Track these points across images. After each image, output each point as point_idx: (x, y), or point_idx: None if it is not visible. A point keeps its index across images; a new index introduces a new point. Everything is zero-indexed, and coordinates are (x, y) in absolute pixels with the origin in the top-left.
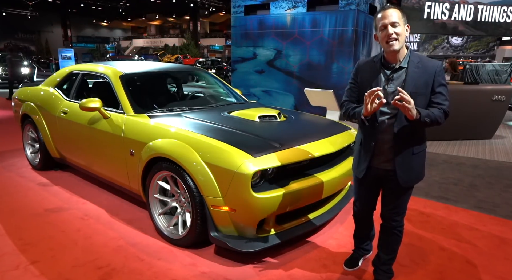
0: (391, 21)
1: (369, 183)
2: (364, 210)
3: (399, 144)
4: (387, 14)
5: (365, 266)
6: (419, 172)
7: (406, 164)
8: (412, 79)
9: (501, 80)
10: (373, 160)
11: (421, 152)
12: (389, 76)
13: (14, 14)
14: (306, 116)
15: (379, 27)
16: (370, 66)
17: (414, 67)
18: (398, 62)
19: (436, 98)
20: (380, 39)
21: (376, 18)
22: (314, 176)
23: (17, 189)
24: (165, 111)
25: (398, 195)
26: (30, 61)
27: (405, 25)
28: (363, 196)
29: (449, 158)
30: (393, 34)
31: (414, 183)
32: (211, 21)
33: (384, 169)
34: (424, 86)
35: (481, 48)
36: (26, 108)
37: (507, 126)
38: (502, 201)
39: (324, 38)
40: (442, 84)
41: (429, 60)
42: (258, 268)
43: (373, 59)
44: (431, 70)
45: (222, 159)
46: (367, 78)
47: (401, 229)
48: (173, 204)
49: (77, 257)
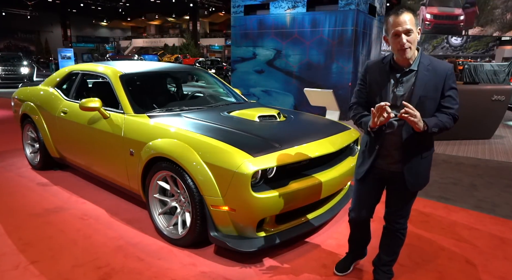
0: (405, 29)
1: (370, 185)
2: (362, 215)
3: (408, 148)
4: (400, 20)
5: (365, 266)
6: (426, 176)
7: (414, 168)
8: (422, 82)
9: (499, 80)
10: (379, 161)
11: (429, 156)
12: (398, 79)
13: (14, 14)
14: (305, 116)
15: (391, 33)
16: (379, 68)
17: (425, 70)
18: (408, 65)
19: (446, 102)
20: (392, 45)
21: (387, 22)
22: (313, 175)
23: (17, 189)
24: (165, 111)
25: (403, 198)
26: (29, 61)
27: (417, 29)
28: (363, 199)
29: (448, 157)
30: (406, 43)
31: (421, 187)
32: (210, 21)
33: (390, 171)
34: (434, 90)
35: (481, 48)
36: (26, 108)
37: (506, 126)
38: (502, 201)
39: (324, 38)
40: (453, 87)
41: (440, 62)
42: (258, 268)
43: (383, 60)
44: (442, 74)
45: (221, 158)
46: (376, 80)
47: (404, 232)
48: (172, 204)
49: (76, 257)
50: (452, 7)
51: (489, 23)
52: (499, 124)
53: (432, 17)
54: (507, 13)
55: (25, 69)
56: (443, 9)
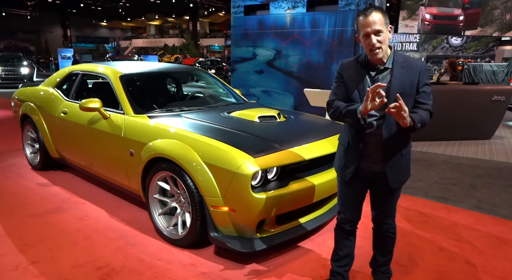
0: (374, 30)
1: (355, 186)
2: (353, 215)
3: (388, 146)
4: (369, 21)
5: (364, 267)
6: (406, 172)
7: (395, 166)
8: (398, 79)
9: (498, 80)
10: (361, 162)
11: (408, 152)
12: (374, 77)
13: (14, 14)
14: (305, 117)
15: (362, 34)
16: (354, 67)
17: (399, 67)
18: (383, 64)
19: (421, 98)
20: (363, 45)
21: (358, 21)
22: (313, 176)
23: (17, 189)
24: (165, 112)
25: (387, 197)
26: (29, 61)
27: (388, 28)
28: (351, 200)
29: (448, 158)
30: (377, 43)
31: (403, 184)
32: (210, 21)
33: (372, 171)
34: (410, 86)
35: (481, 48)
36: (26, 109)
37: (506, 127)
38: (502, 201)
39: (324, 38)
40: (427, 83)
41: (414, 59)
42: (258, 269)
43: (357, 59)
44: (416, 70)
45: (221, 159)
46: (352, 78)
47: (394, 231)
48: (172, 204)
49: (76, 257)
50: (452, 8)
51: (489, 23)
52: (499, 124)
53: (431, 17)
54: (507, 14)
55: (25, 69)
56: (443, 9)
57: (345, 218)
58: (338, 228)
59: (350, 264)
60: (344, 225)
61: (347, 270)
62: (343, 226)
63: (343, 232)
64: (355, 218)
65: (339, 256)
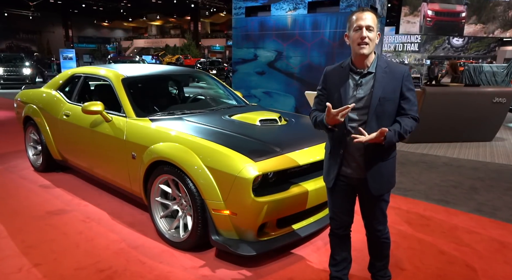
0: (367, 24)
1: (342, 192)
2: (344, 220)
3: (370, 152)
4: (364, 16)
5: (363, 271)
6: (390, 179)
7: (376, 172)
8: (380, 84)
9: (498, 81)
10: (344, 168)
11: (392, 158)
12: (357, 81)
13: (16, 14)
14: (306, 120)
15: (353, 27)
16: (338, 72)
17: (382, 72)
18: (366, 68)
19: (405, 104)
20: (352, 40)
21: (351, 18)
22: (315, 179)
23: (19, 191)
24: (167, 115)
25: (374, 203)
26: (31, 62)
27: (377, 32)
28: (339, 207)
29: (449, 160)
30: (366, 38)
31: (385, 191)
32: (212, 22)
33: (356, 178)
34: (392, 92)
35: (482, 49)
36: (29, 111)
37: (507, 129)
38: (503, 204)
39: (325, 40)
40: (410, 89)
41: (397, 65)
42: (259, 272)
43: (341, 65)
44: (399, 76)
45: (223, 163)
46: (335, 84)
47: (387, 236)
48: (174, 207)
49: (79, 260)
50: (454, 4)
51: (491, 20)
52: (500, 126)
53: (433, 14)
54: (510, 11)
55: (27, 70)
56: (445, 5)
57: (337, 223)
58: (332, 233)
59: (348, 268)
60: (337, 230)
61: (345, 273)
62: (336, 231)
63: (337, 237)
64: (346, 223)
65: (336, 261)
